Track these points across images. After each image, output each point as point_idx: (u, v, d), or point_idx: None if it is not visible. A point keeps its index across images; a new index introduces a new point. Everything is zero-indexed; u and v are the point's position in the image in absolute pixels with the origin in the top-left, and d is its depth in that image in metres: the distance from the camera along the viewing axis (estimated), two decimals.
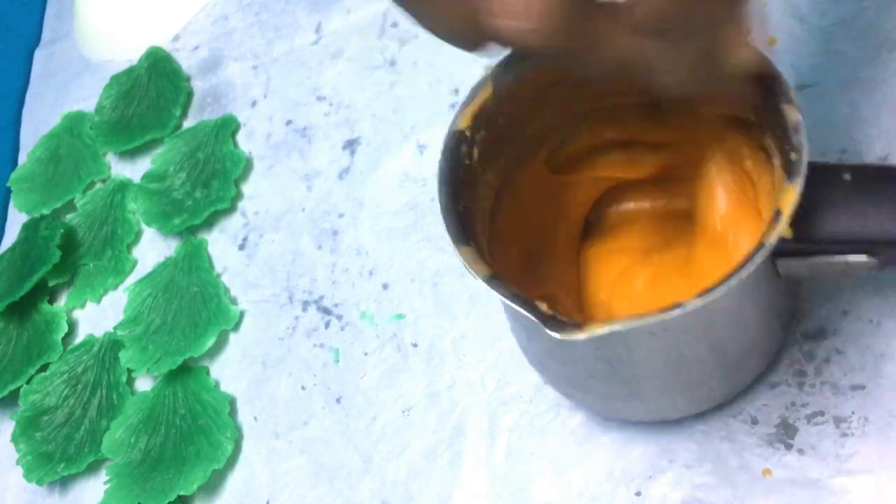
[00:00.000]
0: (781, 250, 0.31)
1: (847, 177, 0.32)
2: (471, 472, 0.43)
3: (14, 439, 0.54)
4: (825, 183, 0.32)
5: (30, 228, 0.63)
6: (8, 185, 0.68)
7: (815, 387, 0.38)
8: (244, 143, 0.61)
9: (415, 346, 0.48)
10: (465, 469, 0.43)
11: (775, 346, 0.38)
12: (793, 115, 0.31)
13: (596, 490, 0.40)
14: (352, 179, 0.55)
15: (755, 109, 0.34)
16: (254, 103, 0.63)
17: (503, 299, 0.32)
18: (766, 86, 0.32)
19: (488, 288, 0.33)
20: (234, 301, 0.55)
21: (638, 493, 0.39)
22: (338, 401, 0.48)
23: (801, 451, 0.37)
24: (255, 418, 0.50)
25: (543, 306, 0.31)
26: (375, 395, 0.47)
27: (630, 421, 0.40)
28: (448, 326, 0.47)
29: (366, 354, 0.49)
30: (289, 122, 0.60)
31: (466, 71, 0.55)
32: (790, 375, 0.39)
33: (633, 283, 0.40)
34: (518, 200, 0.40)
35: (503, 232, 0.39)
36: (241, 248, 0.57)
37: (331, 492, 0.46)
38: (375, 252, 0.52)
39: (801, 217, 0.31)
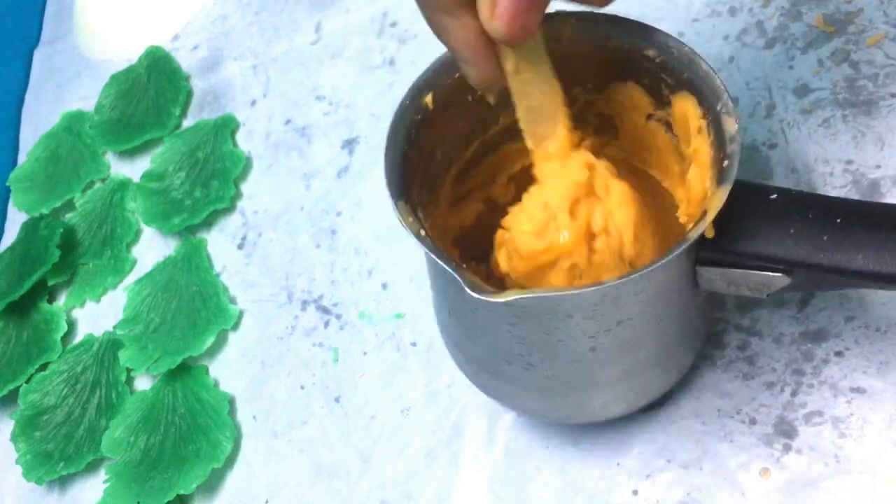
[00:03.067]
0: (703, 258, 0.33)
1: (774, 197, 0.33)
2: (469, 472, 0.43)
3: (13, 438, 0.54)
4: (755, 201, 0.33)
5: (29, 228, 0.63)
6: (7, 184, 0.68)
7: (814, 387, 0.38)
8: (243, 142, 0.61)
9: (414, 345, 0.48)
10: (463, 468, 0.43)
11: (685, 364, 0.39)
12: (731, 126, 0.33)
13: (593, 489, 0.40)
14: (351, 178, 0.55)
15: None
16: (253, 103, 0.63)
17: (430, 256, 0.33)
18: (709, 97, 0.34)
19: (419, 245, 0.34)
20: (233, 300, 0.55)
21: (635, 492, 0.39)
22: (337, 400, 0.48)
23: (799, 452, 0.37)
24: (254, 417, 0.50)
25: (467, 273, 0.32)
26: (374, 395, 0.47)
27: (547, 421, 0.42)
28: None
29: (365, 354, 0.49)
30: (288, 122, 0.60)
31: None
32: (788, 375, 0.39)
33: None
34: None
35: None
36: (241, 247, 0.57)
37: (329, 491, 0.46)
38: (374, 251, 0.52)
39: (727, 228, 0.32)
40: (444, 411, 0.45)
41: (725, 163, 0.32)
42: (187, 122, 0.65)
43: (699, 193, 0.35)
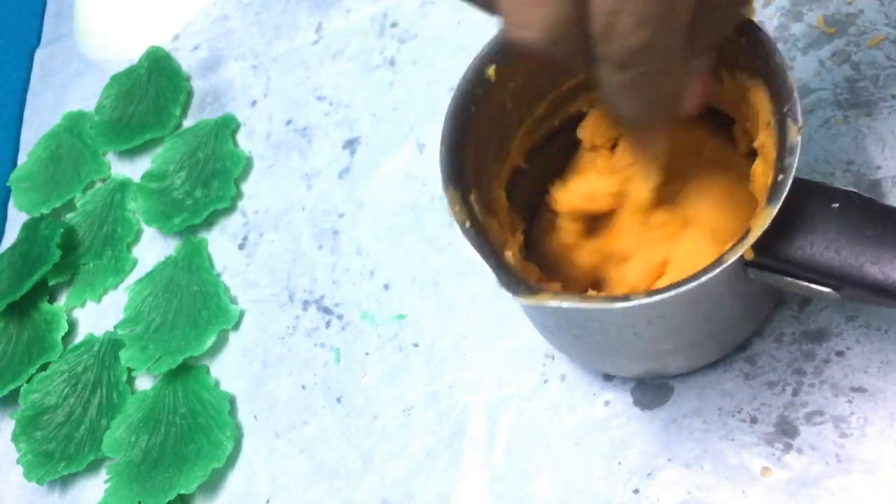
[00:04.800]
0: (751, 262, 0.32)
1: (836, 206, 0.32)
2: (470, 472, 0.43)
3: (14, 438, 0.54)
4: (815, 205, 0.32)
5: (30, 228, 0.63)
6: (8, 184, 0.68)
7: (815, 386, 0.38)
8: (244, 142, 0.61)
9: (416, 346, 0.48)
10: (464, 468, 0.43)
11: (741, 334, 0.39)
12: (793, 135, 0.31)
13: (594, 488, 0.40)
14: (352, 179, 0.56)
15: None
16: (254, 103, 0.63)
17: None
18: (779, 93, 0.32)
19: (463, 237, 0.34)
20: (234, 300, 0.55)
21: (636, 491, 0.39)
22: (338, 400, 0.48)
23: (800, 451, 0.37)
24: (255, 417, 0.50)
25: (510, 257, 0.33)
26: (376, 395, 0.47)
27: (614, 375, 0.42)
28: (449, 326, 0.47)
29: (367, 354, 0.49)
30: (289, 122, 0.60)
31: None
32: (789, 374, 0.39)
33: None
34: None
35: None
36: (241, 247, 0.57)
37: (330, 490, 0.46)
38: (376, 252, 0.52)
39: (779, 233, 0.31)
40: (444, 411, 0.45)
41: (780, 177, 0.30)
42: (188, 122, 0.65)
43: (761, 188, 0.34)
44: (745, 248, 0.30)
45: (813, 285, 0.32)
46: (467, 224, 0.34)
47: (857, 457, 0.36)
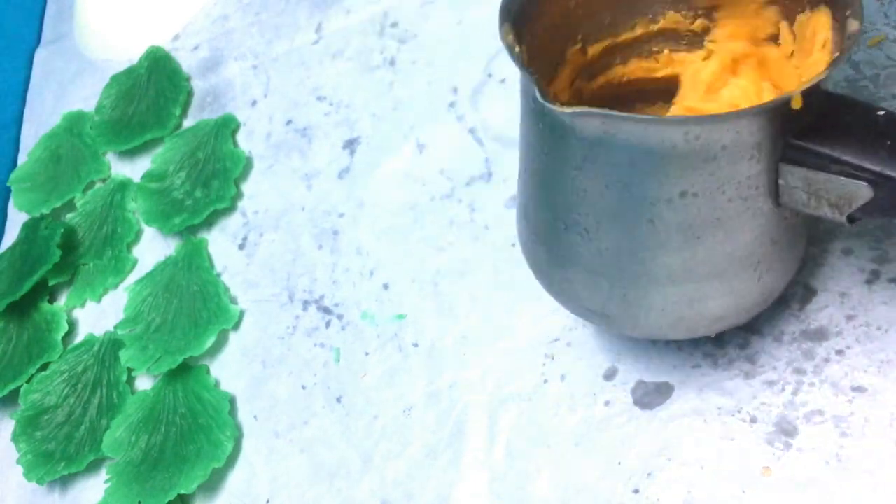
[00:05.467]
0: (788, 156, 0.32)
1: (881, 114, 0.32)
2: (470, 472, 0.43)
3: (14, 438, 0.54)
4: (856, 113, 0.32)
5: (30, 228, 0.63)
6: (8, 184, 0.68)
7: (815, 386, 0.38)
8: (244, 142, 0.61)
9: (415, 346, 0.48)
10: (464, 468, 0.43)
11: (755, 295, 0.37)
12: (853, 26, 0.31)
13: (594, 488, 0.40)
14: (352, 179, 0.56)
15: None
16: (254, 103, 0.63)
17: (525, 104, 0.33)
18: (841, 5, 0.33)
19: (511, 60, 0.33)
20: (234, 300, 0.55)
21: (636, 491, 0.39)
22: (338, 400, 0.48)
23: (800, 451, 0.37)
24: (255, 417, 0.50)
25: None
26: (376, 395, 0.47)
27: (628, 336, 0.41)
28: (449, 326, 0.47)
29: (367, 354, 0.49)
30: (289, 122, 0.60)
31: (465, 70, 0.56)
32: (789, 373, 0.39)
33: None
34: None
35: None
36: (241, 247, 0.57)
37: (330, 490, 0.46)
38: (376, 252, 0.52)
39: (820, 129, 0.31)
40: (445, 411, 0.45)
41: (838, 52, 0.31)
42: (188, 122, 0.65)
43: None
44: (796, 94, 0.30)
45: (850, 179, 0.31)
46: (517, 49, 0.34)
47: (857, 457, 0.36)
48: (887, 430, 0.36)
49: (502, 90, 0.54)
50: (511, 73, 0.54)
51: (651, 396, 0.41)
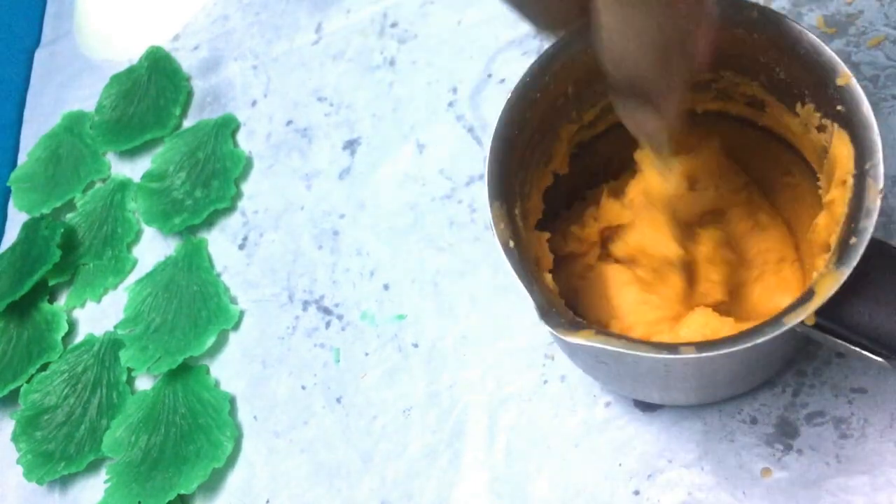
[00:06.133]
0: (820, 325, 0.30)
1: None
2: (470, 472, 0.43)
3: (14, 438, 0.54)
4: (883, 268, 0.29)
5: (30, 228, 0.63)
6: (8, 184, 0.68)
7: (815, 387, 0.38)
8: (244, 142, 0.61)
9: (415, 346, 0.48)
10: (464, 468, 0.43)
11: (776, 369, 0.39)
12: (872, 198, 0.29)
13: (594, 489, 0.40)
14: (352, 179, 0.56)
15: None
16: (254, 103, 0.63)
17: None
18: (863, 149, 0.30)
19: (505, 259, 0.32)
20: (234, 300, 0.55)
21: (636, 493, 0.39)
22: (338, 400, 0.48)
23: (800, 452, 0.37)
24: (254, 417, 0.50)
25: (549, 280, 0.32)
26: (376, 395, 0.47)
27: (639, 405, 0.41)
28: (449, 327, 0.47)
29: (367, 354, 0.49)
30: (289, 122, 0.60)
31: (465, 70, 0.56)
32: (790, 375, 0.39)
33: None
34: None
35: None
36: (241, 247, 0.57)
37: (330, 491, 0.46)
38: (376, 252, 0.52)
39: (837, 297, 0.28)
40: (445, 412, 0.45)
41: (853, 240, 0.28)
42: (188, 123, 0.65)
43: (822, 242, 0.32)
44: (808, 313, 0.28)
45: (865, 352, 0.30)
46: (511, 244, 0.33)
47: (858, 457, 0.36)
48: (887, 430, 0.36)
49: (502, 90, 0.54)
50: (511, 73, 0.54)
51: None
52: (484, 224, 0.50)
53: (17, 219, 0.66)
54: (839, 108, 0.31)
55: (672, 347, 0.29)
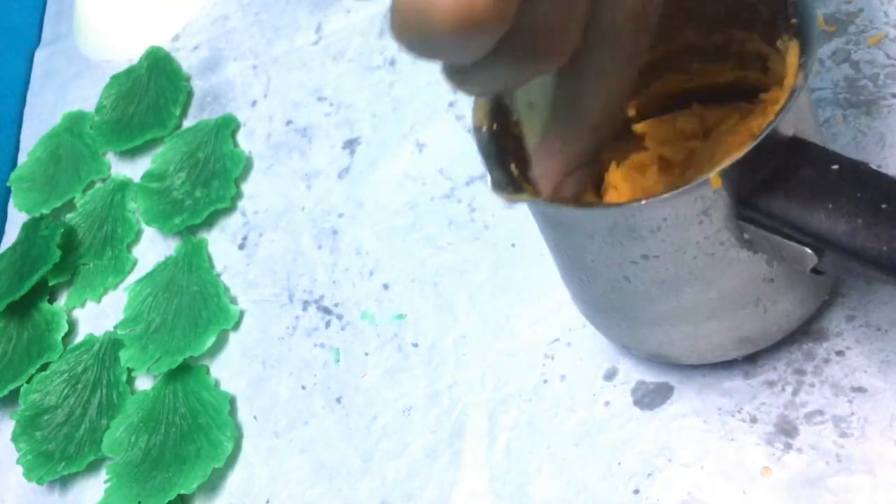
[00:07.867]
0: (743, 214, 0.31)
1: (834, 168, 0.30)
2: (470, 472, 0.43)
3: (14, 438, 0.54)
4: (812, 165, 0.30)
5: (30, 228, 0.63)
6: (8, 184, 0.68)
7: (815, 386, 0.38)
8: (244, 142, 0.61)
9: (415, 346, 0.48)
10: (464, 468, 0.43)
11: (757, 329, 0.37)
12: (791, 78, 0.31)
13: (594, 488, 0.40)
14: (352, 179, 0.56)
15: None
16: (254, 103, 0.63)
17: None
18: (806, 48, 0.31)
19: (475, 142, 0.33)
20: (233, 300, 0.55)
21: (636, 492, 0.39)
22: (338, 400, 0.48)
23: (800, 451, 0.37)
24: (255, 417, 0.50)
25: (513, 167, 0.32)
26: (376, 395, 0.47)
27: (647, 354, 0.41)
28: (448, 326, 0.47)
29: (366, 354, 0.49)
30: (289, 122, 0.60)
31: None
32: (789, 374, 0.39)
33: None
34: None
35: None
36: (241, 247, 0.57)
37: (330, 491, 0.46)
38: (375, 252, 0.52)
39: (770, 186, 0.30)
40: (445, 411, 0.45)
41: (772, 118, 0.30)
42: (188, 123, 0.65)
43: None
44: (713, 174, 0.29)
45: (794, 245, 0.30)
46: (483, 128, 0.33)
47: (857, 457, 0.36)
48: (887, 430, 0.36)
49: None
50: None
51: (651, 397, 0.41)
52: (484, 224, 0.50)
53: (17, 219, 0.66)
54: (793, 20, 0.33)
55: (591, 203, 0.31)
